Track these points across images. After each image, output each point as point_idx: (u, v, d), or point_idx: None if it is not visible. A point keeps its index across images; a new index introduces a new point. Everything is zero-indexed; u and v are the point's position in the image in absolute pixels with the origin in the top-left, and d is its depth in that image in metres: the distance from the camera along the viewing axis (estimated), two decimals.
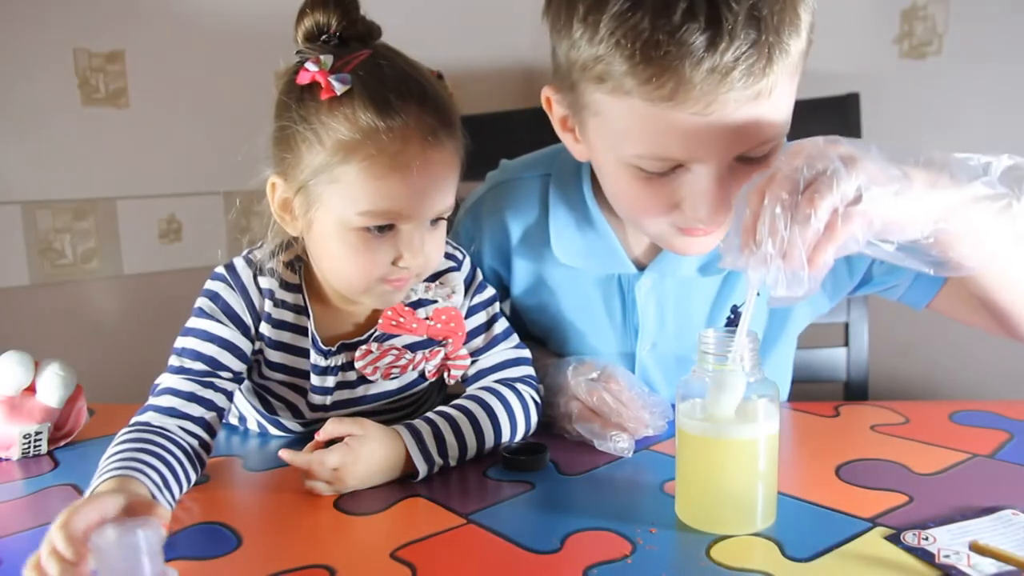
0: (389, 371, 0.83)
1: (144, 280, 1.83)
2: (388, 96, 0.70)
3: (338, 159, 0.70)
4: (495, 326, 0.87)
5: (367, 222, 0.71)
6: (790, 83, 0.67)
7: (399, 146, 0.69)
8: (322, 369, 0.82)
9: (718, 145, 0.66)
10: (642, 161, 0.69)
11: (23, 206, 1.67)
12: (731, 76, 0.61)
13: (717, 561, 0.56)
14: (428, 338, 0.83)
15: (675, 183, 0.70)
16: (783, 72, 0.64)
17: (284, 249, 0.80)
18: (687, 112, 0.63)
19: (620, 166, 0.71)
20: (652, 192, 0.71)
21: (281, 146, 0.73)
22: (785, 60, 0.63)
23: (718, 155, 0.67)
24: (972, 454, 0.74)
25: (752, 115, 0.64)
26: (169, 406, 0.74)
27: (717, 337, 0.61)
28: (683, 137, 0.65)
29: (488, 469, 0.77)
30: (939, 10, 1.69)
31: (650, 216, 0.74)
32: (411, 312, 0.82)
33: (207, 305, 0.79)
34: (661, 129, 0.65)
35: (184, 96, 1.83)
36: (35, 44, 1.64)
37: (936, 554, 0.55)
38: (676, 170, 0.69)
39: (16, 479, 0.79)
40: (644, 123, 0.66)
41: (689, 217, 0.71)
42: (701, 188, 0.68)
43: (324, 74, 0.69)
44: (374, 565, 0.59)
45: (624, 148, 0.69)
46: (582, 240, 0.87)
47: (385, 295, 0.77)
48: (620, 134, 0.69)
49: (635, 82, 0.63)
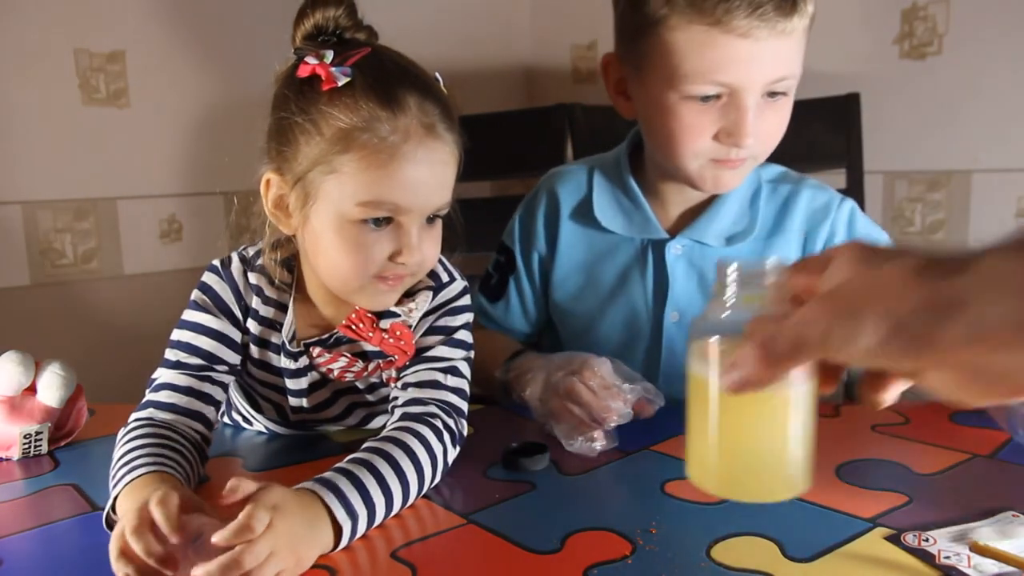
0: (343, 375, 0.82)
1: (144, 280, 1.83)
2: (390, 87, 0.70)
3: (338, 148, 0.69)
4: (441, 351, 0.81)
5: (366, 214, 0.70)
6: (803, 39, 0.85)
7: (400, 136, 0.69)
8: (292, 372, 0.82)
9: (755, 68, 0.82)
10: (694, 87, 0.83)
11: (23, 206, 1.67)
12: (766, 9, 0.79)
13: (717, 561, 0.56)
14: (380, 350, 0.80)
15: (719, 111, 0.85)
16: (800, 24, 0.82)
17: (278, 247, 0.80)
18: (733, 35, 0.80)
19: (673, 101, 0.86)
20: (699, 121, 0.85)
21: (278, 139, 0.73)
22: (803, 14, 0.82)
23: (755, 78, 0.82)
24: (972, 454, 0.74)
25: (780, 49, 0.82)
26: (169, 402, 0.74)
27: (747, 264, 0.49)
28: (729, 60, 0.82)
29: (488, 469, 0.76)
30: (939, 10, 1.69)
31: (695, 146, 0.87)
32: (371, 321, 0.79)
33: (199, 297, 0.80)
34: (712, 52, 0.82)
35: (184, 96, 1.83)
36: (35, 44, 1.64)
37: (936, 555, 0.55)
38: (720, 98, 0.84)
39: (16, 479, 0.79)
40: (700, 48, 0.82)
41: (726, 144, 0.86)
42: (741, 110, 0.84)
43: (325, 66, 0.69)
44: (374, 565, 0.59)
45: (680, 77, 0.84)
46: (620, 209, 1.00)
47: (379, 294, 0.76)
48: (677, 66, 0.84)
49: (694, 11, 0.81)
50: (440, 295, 0.83)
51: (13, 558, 0.62)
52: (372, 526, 0.64)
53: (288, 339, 0.80)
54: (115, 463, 0.68)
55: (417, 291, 0.81)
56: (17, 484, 0.78)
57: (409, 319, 0.80)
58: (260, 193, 0.76)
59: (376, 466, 0.66)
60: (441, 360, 0.81)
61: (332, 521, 0.60)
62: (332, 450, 0.84)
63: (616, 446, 0.79)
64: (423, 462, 0.70)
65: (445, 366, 0.80)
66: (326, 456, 0.81)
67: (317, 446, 0.86)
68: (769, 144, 0.90)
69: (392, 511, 0.66)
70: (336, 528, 0.60)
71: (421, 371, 0.80)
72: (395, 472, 0.67)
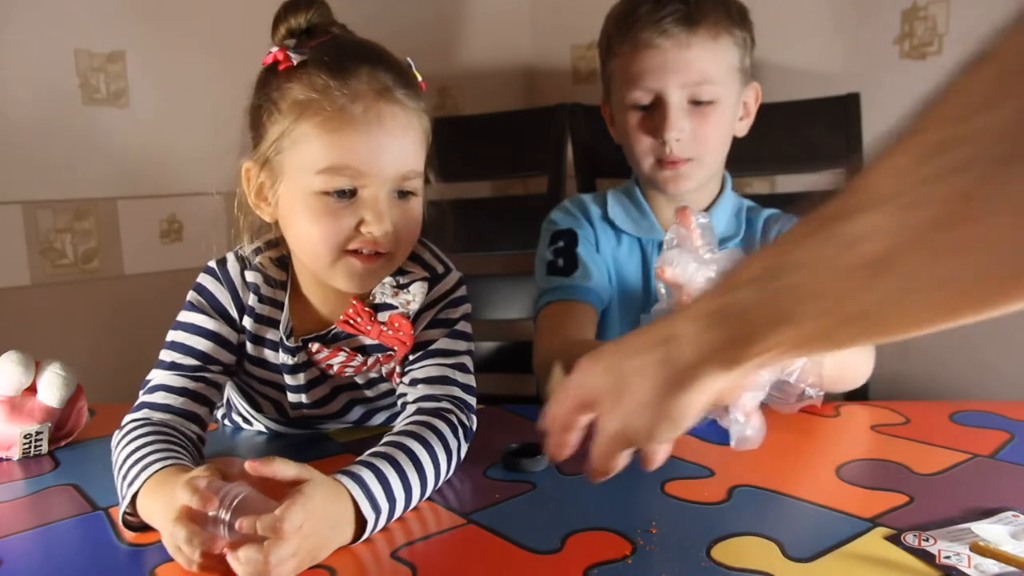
0: (342, 370, 0.82)
1: (144, 280, 1.83)
2: (342, 59, 0.73)
3: (293, 119, 0.72)
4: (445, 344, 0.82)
5: (327, 183, 0.72)
6: (722, 55, 1.00)
7: (350, 99, 0.71)
8: (290, 368, 0.82)
9: (669, 74, 0.98)
10: (630, 95, 1.01)
11: (23, 206, 1.67)
12: (665, 24, 0.97)
13: (717, 561, 0.56)
14: (379, 343, 0.81)
15: (654, 114, 1.01)
16: (704, 39, 0.98)
17: (273, 246, 0.81)
18: (646, 49, 0.99)
19: (624, 113, 1.03)
20: (640, 125, 1.02)
21: (251, 128, 0.77)
22: (715, 31, 0.98)
23: (669, 80, 0.98)
24: (972, 454, 0.74)
25: (689, 58, 0.98)
26: (164, 403, 0.75)
27: None
28: (647, 69, 0.99)
29: (488, 469, 0.77)
30: (939, 10, 1.69)
31: (641, 146, 1.03)
32: (369, 314, 0.80)
33: (195, 298, 0.80)
34: (636, 65, 1.00)
35: (184, 96, 1.83)
36: (35, 44, 1.64)
37: (937, 555, 0.55)
38: (654, 106, 1.01)
39: (16, 479, 0.79)
40: (629, 64, 1.01)
41: (661, 144, 1.00)
42: (663, 109, 0.99)
43: (283, 50, 0.74)
44: (374, 565, 0.59)
45: (623, 92, 1.03)
46: (628, 216, 1.12)
47: (354, 273, 0.75)
48: (620, 82, 1.03)
49: (621, 36, 1.02)
50: (437, 287, 0.83)
51: (13, 558, 0.62)
52: (391, 520, 0.65)
53: (285, 335, 0.80)
54: (122, 462, 0.67)
55: (412, 282, 0.82)
56: (17, 484, 0.78)
57: (407, 310, 0.81)
58: (243, 185, 0.78)
59: (398, 460, 0.67)
60: (447, 354, 0.81)
61: (357, 515, 0.61)
62: (332, 450, 0.84)
63: None
64: (440, 457, 0.71)
65: (453, 362, 0.81)
66: (326, 456, 0.81)
67: (317, 446, 0.86)
68: (709, 147, 1.02)
69: (410, 505, 0.67)
70: (360, 522, 0.61)
71: (430, 366, 0.80)
72: (415, 467, 0.68)
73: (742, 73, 1.04)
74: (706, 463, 0.74)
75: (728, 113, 1.03)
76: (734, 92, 1.03)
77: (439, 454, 0.71)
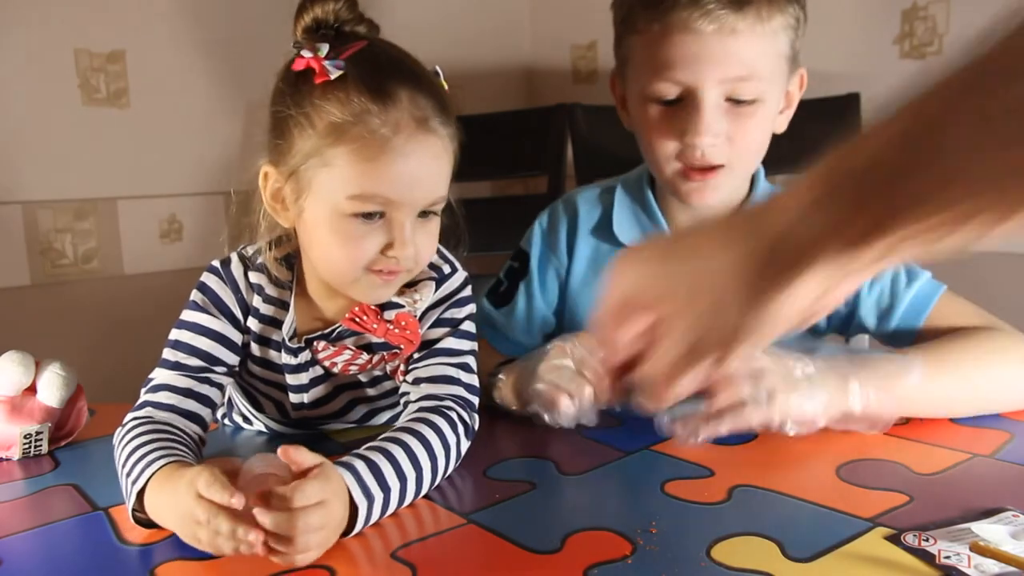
0: (347, 368, 0.82)
1: (144, 280, 1.83)
2: (382, 80, 0.70)
3: (329, 142, 0.70)
4: (450, 343, 0.82)
5: (357, 207, 0.71)
6: (770, 42, 0.84)
7: (391, 129, 0.69)
8: (293, 367, 0.82)
9: (705, 65, 0.82)
10: (654, 87, 0.85)
11: (23, 206, 1.67)
12: (708, 6, 0.80)
13: (717, 561, 0.56)
14: (385, 341, 0.81)
15: (681, 112, 0.85)
16: (758, 25, 0.82)
17: (277, 245, 0.80)
18: (680, 32, 0.82)
19: (644, 105, 0.87)
20: (664, 123, 0.86)
21: (274, 132, 0.74)
22: (762, 14, 0.81)
23: (705, 75, 0.82)
24: (972, 454, 0.74)
25: (732, 46, 0.81)
26: (168, 403, 0.74)
27: None
28: (679, 57, 0.83)
29: (488, 469, 0.77)
30: (939, 10, 1.69)
31: (664, 148, 0.87)
32: (376, 313, 0.79)
33: (199, 297, 0.80)
34: (665, 50, 0.83)
35: (184, 96, 1.83)
36: (35, 44, 1.64)
37: (937, 555, 0.55)
38: (682, 101, 0.85)
39: (16, 479, 0.79)
40: (655, 47, 0.84)
41: (688, 146, 0.85)
42: (696, 108, 0.83)
43: (319, 60, 0.70)
44: (374, 565, 0.59)
45: (644, 80, 0.86)
46: (638, 224, 0.99)
47: (374, 287, 0.76)
48: (641, 68, 0.87)
49: (648, 12, 0.84)
50: (444, 286, 0.83)
51: (13, 558, 0.62)
52: (386, 512, 0.65)
53: (288, 336, 0.80)
54: (125, 459, 0.67)
55: (419, 281, 0.82)
56: (17, 484, 0.78)
57: (414, 310, 0.81)
58: (259, 186, 0.77)
59: (391, 451, 0.67)
60: (451, 353, 0.81)
61: (350, 505, 0.62)
62: (333, 450, 0.84)
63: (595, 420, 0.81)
64: (436, 450, 0.71)
65: (457, 361, 0.81)
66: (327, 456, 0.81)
67: (318, 446, 0.85)
68: (744, 153, 0.87)
69: (406, 496, 0.67)
70: (352, 512, 0.62)
71: (433, 365, 0.80)
72: (409, 457, 0.68)
73: (791, 61, 0.87)
74: (706, 463, 0.74)
75: (772, 112, 0.88)
76: (780, 86, 0.87)
77: (435, 447, 0.71)
